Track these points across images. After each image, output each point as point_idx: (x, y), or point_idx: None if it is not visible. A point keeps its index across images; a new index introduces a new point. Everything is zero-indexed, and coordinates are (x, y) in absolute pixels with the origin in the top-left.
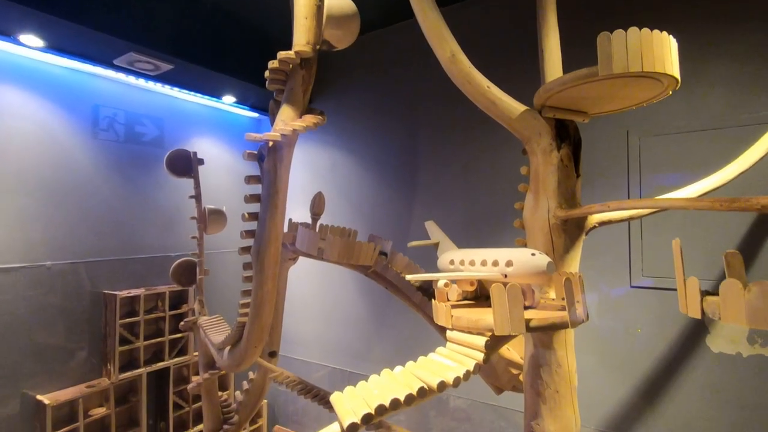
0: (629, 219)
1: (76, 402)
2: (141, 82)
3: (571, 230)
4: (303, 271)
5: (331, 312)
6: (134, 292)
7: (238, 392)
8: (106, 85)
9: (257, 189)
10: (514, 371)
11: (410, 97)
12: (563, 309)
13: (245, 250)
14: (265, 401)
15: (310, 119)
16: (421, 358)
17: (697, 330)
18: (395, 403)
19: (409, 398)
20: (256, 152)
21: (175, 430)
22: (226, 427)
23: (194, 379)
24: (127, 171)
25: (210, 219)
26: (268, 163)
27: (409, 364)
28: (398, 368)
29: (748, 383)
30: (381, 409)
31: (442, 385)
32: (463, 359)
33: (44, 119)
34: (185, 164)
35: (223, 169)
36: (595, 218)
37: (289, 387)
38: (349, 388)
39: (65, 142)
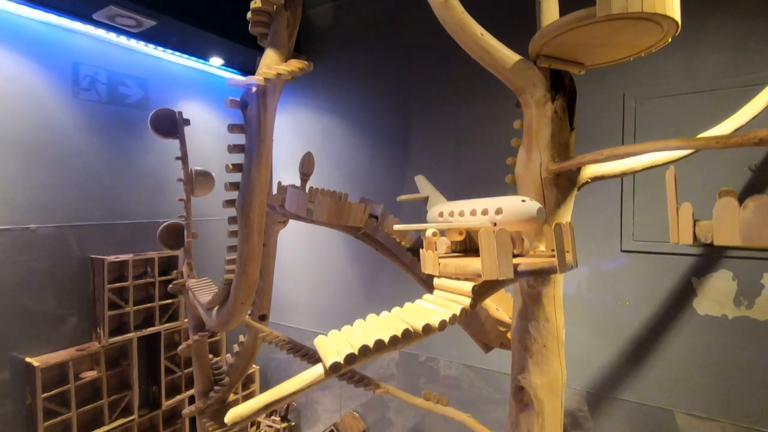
0: (622, 174)
1: (66, 365)
2: (123, 39)
3: (563, 185)
4: (293, 238)
5: (322, 278)
6: (122, 257)
7: (228, 355)
8: (86, 42)
9: (241, 139)
10: (502, 329)
11: (402, 60)
12: (553, 257)
13: (230, 203)
14: (257, 367)
15: (295, 63)
16: (407, 305)
17: (685, 293)
18: (379, 345)
19: (394, 340)
20: (238, 99)
21: (167, 395)
22: (216, 388)
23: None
24: (112, 133)
25: (197, 181)
26: (252, 111)
27: (395, 309)
28: (384, 313)
29: (732, 344)
30: (365, 350)
31: (428, 328)
32: (450, 305)
33: (21, 76)
34: (170, 124)
35: (210, 135)
36: (587, 173)
37: (278, 346)
38: (333, 332)
39: (45, 101)
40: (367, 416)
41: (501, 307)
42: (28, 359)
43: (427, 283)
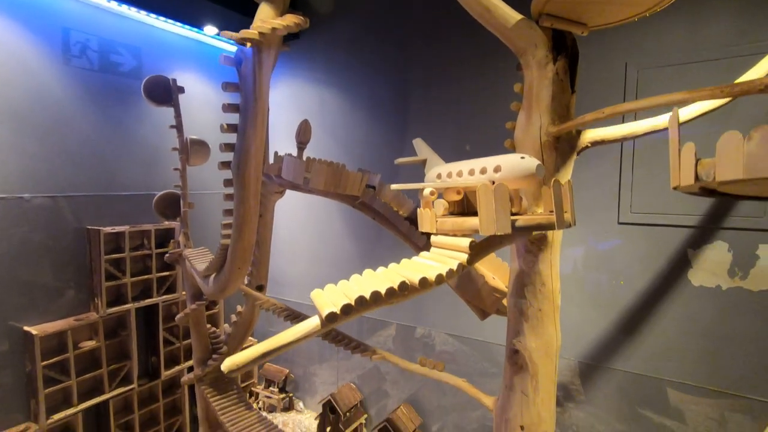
0: (623, 139)
1: (64, 334)
2: (114, 5)
3: (562, 148)
4: (290, 212)
5: (319, 252)
6: (119, 228)
7: (226, 325)
8: (77, 7)
9: (237, 99)
10: (498, 295)
11: (401, 30)
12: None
13: (225, 164)
14: (255, 340)
15: (291, 18)
16: (404, 260)
17: (680, 265)
18: (376, 296)
19: (390, 292)
20: (233, 56)
21: (166, 365)
22: (215, 356)
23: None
24: (104, 103)
25: (192, 150)
26: (247, 68)
27: (392, 265)
28: (381, 268)
29: (725, 315)
30: (361, 301)
31: (424, 282)
32: (447, 260)
33: (9, 40)
34: (164, 92)
35: (205, 106)
36: (587, 137)
37: (275, 314)
38: (329, 286)
39: (35, 66)
40: (363, 387)
41: (497, 276)
42: (26, 328)
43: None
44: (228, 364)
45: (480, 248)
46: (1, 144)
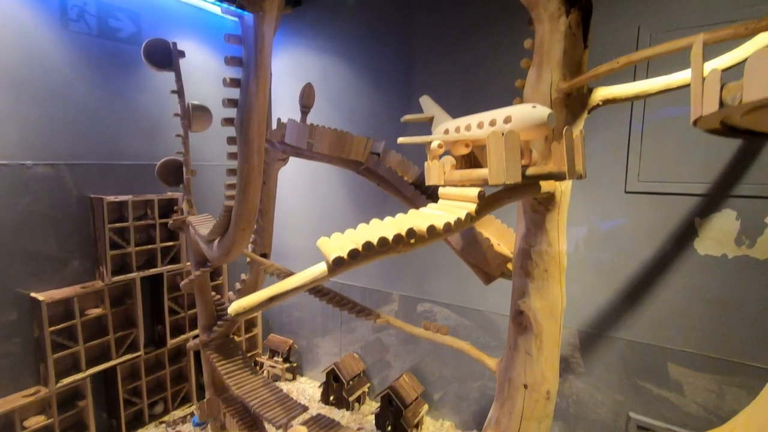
0: (635, 97)
1: (71, 301)
2: None
3: (573, 106)
4: (292, 184)
5: (322, 224)
6: (122, 197)
7: (230, 293)
8: None
9: (239, 51)
10: (504, 258)
11: None
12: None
13: (228, 121)
14: (259, 312)
15: None
16: (411, 211)
17: (686, 234)
18: (383, 242)
19: (397, 238)
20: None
21: (171, 334)
22: (219, 323)
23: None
24: (104, 69)
25: (194, 116)
26: (249, 19)
27: (399, 215)
28: (388, 218)
29: (730, 283)
30: (368, 246)
31: (432, 229)
32: (455, 210)
33: (5, 1)
34: (164, 55)
35: (207, 75)
36: (599, 95)
37: (279, 278)
38: (336, 234)
39: (31, 30)
40: (366, 358)
41: (502, 242)
42: (33, 294)
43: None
44: (235, 307)
45: (489, 201)
46: (1, 110)
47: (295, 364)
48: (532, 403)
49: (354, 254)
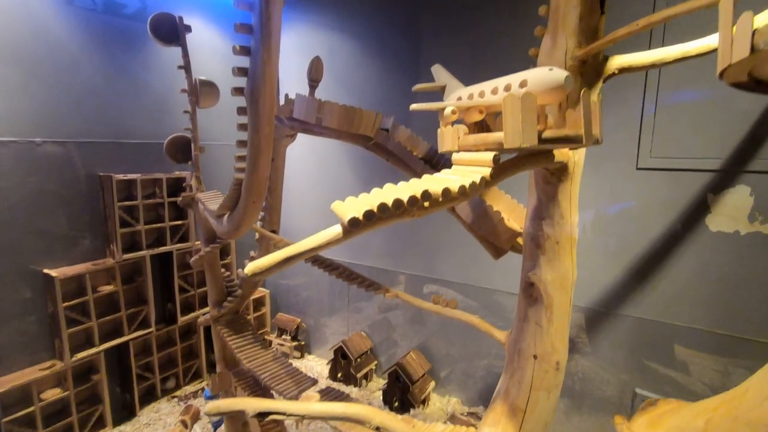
0: (651, 66)
1: (83, 277)
2: None
3: (588, 74)
4: (300, 164)
5: (329, 203)
6: (131, 176)
7: (240, 270)
8: None
9: (249, 18)
10: (514, 233)
11: None
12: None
13: (238, 90)
14: (268, 291)
15: None
16: (425, 176)
17: (698, 210)
18: (398, 203)
19: (412, 200)
20: None
21: (182, 312)
22: (230, 299)
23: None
24: (110, 46)
25: (202, 91)
26: None
27: (413, 179)
28: (401, 183)
29: (741, 260)
30: (383, 208)
31: (447, 192)
32: (470, 175)
33: None
34: (171, 29)
35: (216, 55)
36: (614, 64)
37: None
38: (350, 198)
39: (37, 6)
40: (373, 336)
41: (512, 218)
42: (46, 271)
43: None
44: (252, 267)
45: (503, 168)
46: (9, 87)
47: (303, 343)
48: (542, 374)
49: (369, 215)
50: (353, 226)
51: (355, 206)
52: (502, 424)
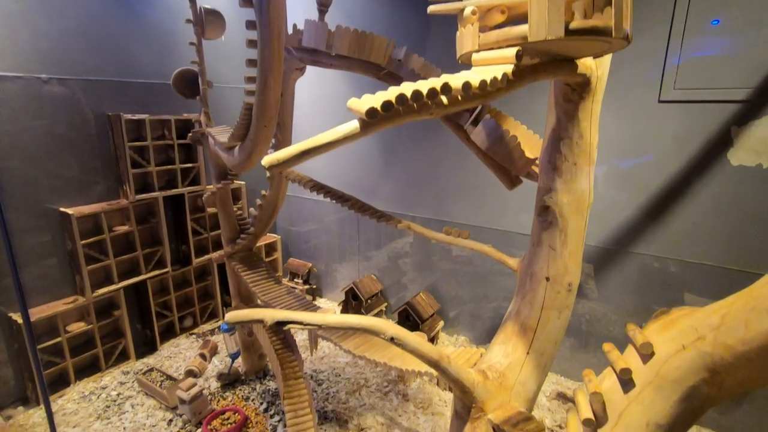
0: None
1: (99, 216)
2: None
3: None
4: (308, 105)
5: (340, 149)
6: (139, 116)
7: (252, 209)
8: None
9: None
10: (529, 160)
11: None
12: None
13: (247, 2)
14: (279, 237)
15: None
16: (444, 75)
17: (720, 144)
18: (416, 95)
19: (432, 92)
20: None
21: (196, 254)
22: (243, 236)
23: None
24: None
25: (207, 21)
26: None
27: (431, 78)
28: (420, 81)
29: (762, 195)
30: (401, 99)
31: (467, 86)
32: (491, 71)
33: None
34: None
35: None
36: None
37: (301, 185)
38: (366, 95)
39: None
40: (383, 280)
41: (527, 149)
42: (62, 209)
43: (453, 122)
44: (269, 159)
45: (525, 71)
46: (11, 19)
47: (314, 286)
48: (554, 294)
49: (387, 105)
50: (371, 117)
51: (373, 100)
52: (513, 342)
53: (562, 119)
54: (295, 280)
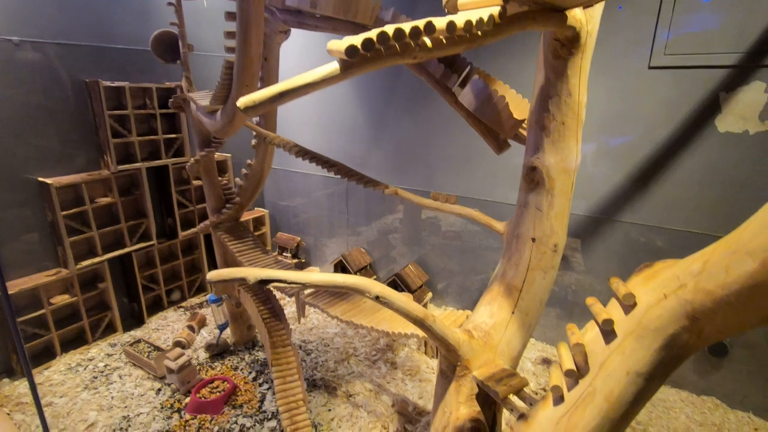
0: None
1: (79, 187)
2: None
3: None
4: (295, 72)
5: (327, 121)
6: (118, 83)
7: (237, 179)
8: None
9: None
10: (517, 122)
11: None
12: None
13: None
14: (267, 211)
15: None
16: (428, 18)
17: (708, 111)
18: (399, 34)
19: (415, 31)
20: None
21: (182, 227)
22: (228, 206)
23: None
24: None
25: None
26: None
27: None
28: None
29: (748, 161)
30: (383, 37)
31: (452, 26)
32: (478, 13)
33: None
34: None
35: None
36: None
37: (286, 149)
38: (347, 36)
39: None
40: (372, 253)
41: (516, 113)
42: (41, 179)
43: (441, 85)
44: (245, 100)
45: (513, 19)
46: None
47: (303, 260)
48: (540, 255)
49: (367, 44)
50: (351, 55)
51: (353, 39)
52: (498, 302)
53: (551, 77)
54: (284, 254)
